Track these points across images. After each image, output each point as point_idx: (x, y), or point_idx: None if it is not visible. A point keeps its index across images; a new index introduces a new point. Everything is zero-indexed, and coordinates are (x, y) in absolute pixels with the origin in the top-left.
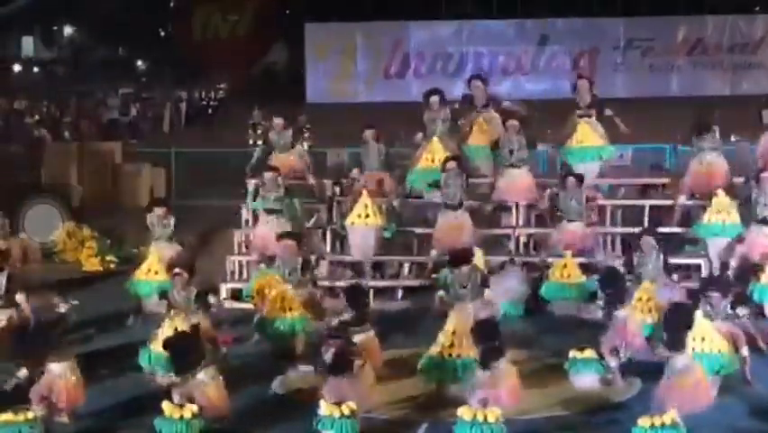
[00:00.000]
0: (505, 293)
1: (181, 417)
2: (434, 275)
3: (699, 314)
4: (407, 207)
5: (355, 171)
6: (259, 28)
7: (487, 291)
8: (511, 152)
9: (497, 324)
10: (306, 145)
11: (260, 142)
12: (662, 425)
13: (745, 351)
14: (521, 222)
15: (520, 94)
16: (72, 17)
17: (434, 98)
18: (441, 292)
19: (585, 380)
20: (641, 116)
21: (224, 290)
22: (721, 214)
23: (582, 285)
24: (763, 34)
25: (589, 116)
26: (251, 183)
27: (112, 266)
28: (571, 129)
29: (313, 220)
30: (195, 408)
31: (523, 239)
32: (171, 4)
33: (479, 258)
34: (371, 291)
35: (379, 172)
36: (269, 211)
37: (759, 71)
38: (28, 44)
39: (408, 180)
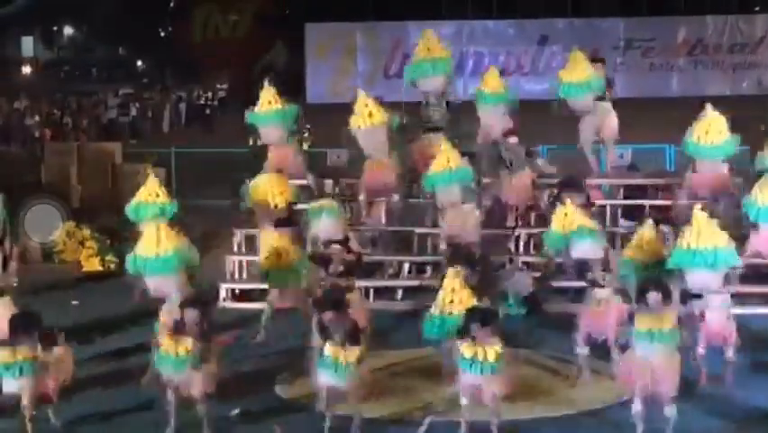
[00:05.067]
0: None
1: (177, 353)
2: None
3: (696, 212)
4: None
5: None
6: (259, 28)
7: None
8: (511, 163)
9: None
10: (305, 145)
11: (259, 142)
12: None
13: (731, 353)
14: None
15: (520, 94)
16: (72, 17)
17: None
18: None
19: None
20: (641, 116)
21: (224, 289)
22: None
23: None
24: (763, 34)
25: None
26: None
27: (112, 266)
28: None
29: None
30: (189, 343)
31: (523, 239)
32: (171, 4)
33: None
34: (372, 291)
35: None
36: None
37: (759, 71)
38: (28, 44)
39: (425, 184)
